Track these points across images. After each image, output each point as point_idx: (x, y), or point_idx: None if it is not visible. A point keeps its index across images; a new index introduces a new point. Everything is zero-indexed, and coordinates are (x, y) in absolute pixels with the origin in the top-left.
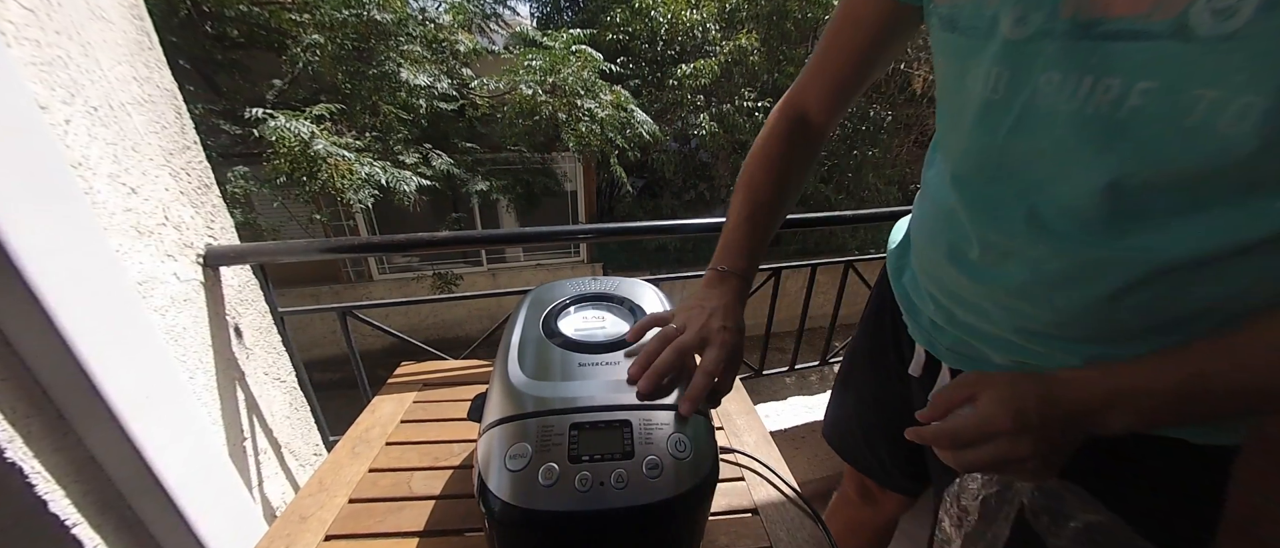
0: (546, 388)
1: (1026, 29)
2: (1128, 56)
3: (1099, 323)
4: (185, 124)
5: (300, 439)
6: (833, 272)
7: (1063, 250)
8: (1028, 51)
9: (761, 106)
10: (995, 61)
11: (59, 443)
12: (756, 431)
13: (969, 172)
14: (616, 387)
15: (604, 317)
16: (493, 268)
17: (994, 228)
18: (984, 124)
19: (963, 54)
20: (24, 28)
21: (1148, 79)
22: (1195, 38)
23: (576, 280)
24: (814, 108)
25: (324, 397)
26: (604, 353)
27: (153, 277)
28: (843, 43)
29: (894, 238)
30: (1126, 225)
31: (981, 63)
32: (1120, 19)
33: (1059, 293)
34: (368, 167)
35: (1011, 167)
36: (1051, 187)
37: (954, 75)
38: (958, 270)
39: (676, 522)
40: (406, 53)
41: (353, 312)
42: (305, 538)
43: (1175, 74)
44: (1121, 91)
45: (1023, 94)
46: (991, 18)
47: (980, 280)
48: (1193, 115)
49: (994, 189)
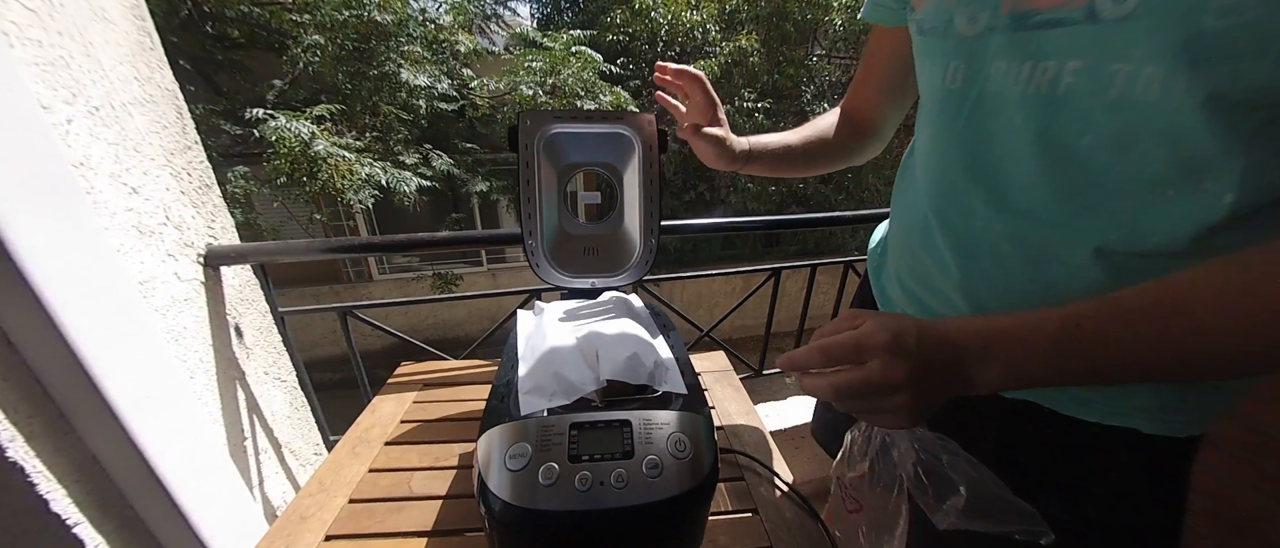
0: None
1: (977, 25)
2: (1057, 41)
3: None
4: (186, 124)
5: (300, 439)
6: (833, 272)
7: (1019, 230)
8: (980, 45)
9: (761, 107)
10: (953, 56)
11: (60, 443)
12: (756, 431)
13: (933, 158)
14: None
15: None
16: (493, 268)
17: (956, 210)
18: (944, 113)
19: (930, 53)
20: (26, 28)
21: (1075, 59)
22: (1102, 20)
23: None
24: (862, 107)
25: (324, 397)
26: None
27: (154, 276)
28: (869, 63)
29: (875, 237)
30: (1078, 203)
31: (944, 58)
32: (1046, 10)
33: (1017, 273)
34: (368, 167)
35: (970, 149)
36: (1006, 166)
37: (926, 74)
38: (927, 254)
39: (676, 522)
40: (407, 53)
41: (353, 312)
42: (305, 538)
43: (1094, 53)
44: (1057, 72)
45: (977, 83)
46: (948, 17)
47: (944, 263)
48: (1114, 87)
49: (954, 174)
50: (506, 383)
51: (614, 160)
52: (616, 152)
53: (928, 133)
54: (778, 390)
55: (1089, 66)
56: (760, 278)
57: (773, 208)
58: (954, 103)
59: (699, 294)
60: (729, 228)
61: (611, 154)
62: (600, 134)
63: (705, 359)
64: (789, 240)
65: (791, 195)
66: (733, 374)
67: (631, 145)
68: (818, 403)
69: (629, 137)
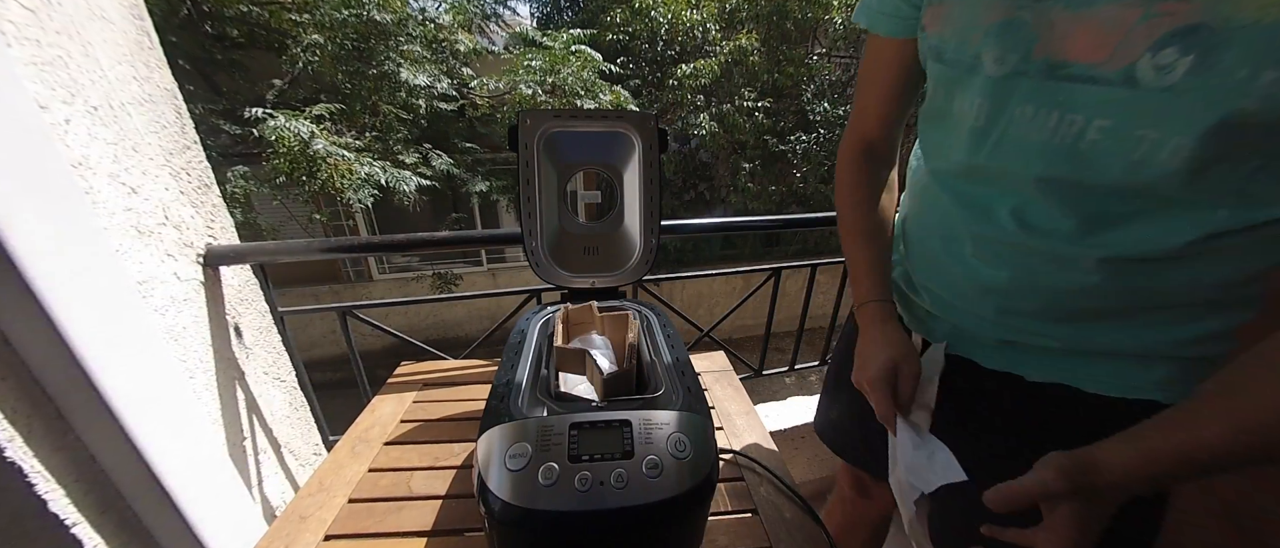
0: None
1: (1005, 67)
2: (1088, 97)
3: (1075, 307)
4: (185, 124)
5: (300, 439)
6: (833, 272)
7: (1044, 247)
8: (1006, 86)
9: (761, 107)
10: (978, 93)
11: (59, 443)
12: (756, 431)
13: (961, 181)
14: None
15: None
16: (493, 268)
17: (987, 226)
18: (970, 145)
19: (948, 81)
20: (24, 27)
21: (1103, 118)
22: (1141, 87)
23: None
24: (875, 133)
25: (324, 397)
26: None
27: (153, 276)
28: (876, 77)
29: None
30: (1094, 227)
31: (967, 93)
32: (1081, 64)
33: (1042, 279)
34: (367, 166)
35: (996, 179)
36: (1029, 196)
37: (942, 96)
38: (952, 262)
39: (676, 522)
40: (406, 53)
41: (353, 312)
42: (305, 538)
43: (1124, 115)
44: (1082, 126)
45: (1001, 122)
46: (975, 55)
47: (972, 271)
48: (1138, 150)
49: (984, 198)
50: (506, 383)
51: (614, 160)
52: (616, 151)
53: (953, 158)
54: (778, 391)
55: (1116, 127)
56: (760, 278)
57: (773, 208)
58: (978, 139)
59: (699, 294)
60: (729, 228)
61: (611, 153)
62: (600, 133)
63: (705, 359)
64: (789, 240)
65: (791, 195)
66: (733, 374)
67: (631, 145)
68: (821, 401)
69: (629, 136)
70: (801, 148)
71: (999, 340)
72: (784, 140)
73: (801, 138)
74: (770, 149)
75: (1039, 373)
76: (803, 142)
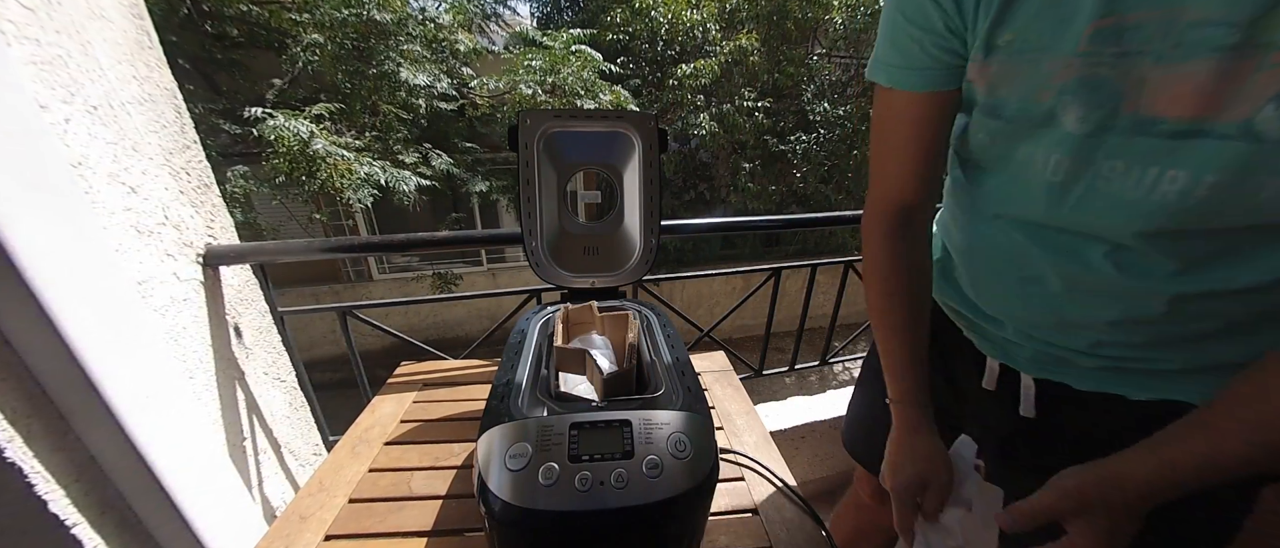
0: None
1: (1088, 125)
2: (1193, 152)
3: (1192, 332)
4: (185, 123)
5: (300, 439)
6: (833, 272)
7: (1146, 287)
8: (1090, 143)
9: (761, 107)
10: (1054, 148)
11: (58, 443)
12: (756, 431)
13: (1040, 227)
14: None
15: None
16: (493, 268)
17: (1080, 269)
18: (1048, 199)
19: (1009, 137)
20: (24, 27)
21: (1214, 173)
22: (1265, 139)
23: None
24: (912, 198)
25: (324, 397)
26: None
27: (152, 276)
28: (908, 135)
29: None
30: (1199, 265)
31: (1036, 145)
32: (1180, 120)
33: (1153, 312)
34: (367, 166)
35: (1083, 228)
36: (1127, 245)
37: (1002, 147)
38: (1036, 299)
39: (676, 522)
40: (406, 52)
41: (353, 312)
42: (305, 538)
43: (1243, 167)
44: (1188, 183)
45: (1085, 177)
46: (1048, 110)
47: (1063, 307)
48: (1259, 197)
49: (1071, 243)
50: (506, 383)
51: (614, 160)
52: (617, 151)
53: (1028, 208)
54: (778, 390)
55: (1233, 179)
56: (760, 278)
57: (773, 208)
58: (1058, 193)
59: (699, 294)
60: (729, 228)
61: (612, 153)
62: (600, 133)
63: (705, 359)
64: (789, 240)
65: (791, 195)
66: (733, 374)
67: (631, 145)
68: (851, 409)
69: (629, 136)
70: (801, 148)
71: (1100, 367)
72: (784, 140)
73: (801, 138)
74: (770, 149)
75: (1145, 393)
76: (803, 142)
